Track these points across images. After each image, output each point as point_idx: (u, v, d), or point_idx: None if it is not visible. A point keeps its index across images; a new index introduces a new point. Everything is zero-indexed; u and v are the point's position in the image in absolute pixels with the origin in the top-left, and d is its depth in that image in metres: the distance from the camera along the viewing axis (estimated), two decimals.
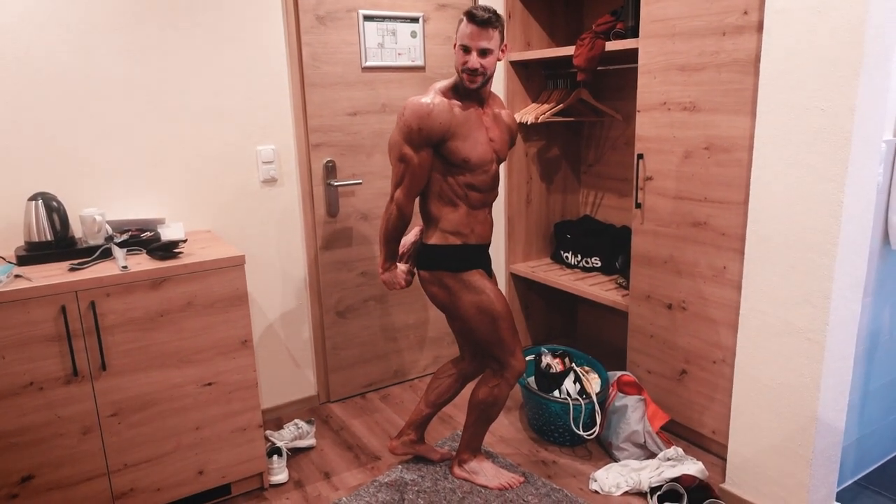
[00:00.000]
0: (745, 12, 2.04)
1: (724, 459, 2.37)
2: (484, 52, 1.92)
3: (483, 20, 1.89)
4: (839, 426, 1.95)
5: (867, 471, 2.35)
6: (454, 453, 2.44)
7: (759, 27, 2.01)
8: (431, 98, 1.95)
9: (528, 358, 2.78)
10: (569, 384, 2.52)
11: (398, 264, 2.16)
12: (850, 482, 2.29)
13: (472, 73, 1.93)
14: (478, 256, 2.12)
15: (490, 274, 2.22)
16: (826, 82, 1.72)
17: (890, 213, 2.04)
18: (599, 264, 3.12)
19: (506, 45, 1.99)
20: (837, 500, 2.06)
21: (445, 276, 2.07)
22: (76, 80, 2.19)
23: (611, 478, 2.28)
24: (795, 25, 1.77)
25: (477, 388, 2.22)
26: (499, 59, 1.97)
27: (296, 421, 2.58)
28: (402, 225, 2.06)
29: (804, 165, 1.80)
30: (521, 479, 2.29)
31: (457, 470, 2.34)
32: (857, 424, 2.23)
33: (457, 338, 2.34)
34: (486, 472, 2.30)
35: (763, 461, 2.04)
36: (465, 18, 1.92)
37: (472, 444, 2.32)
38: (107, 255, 2.07)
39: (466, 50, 1.92)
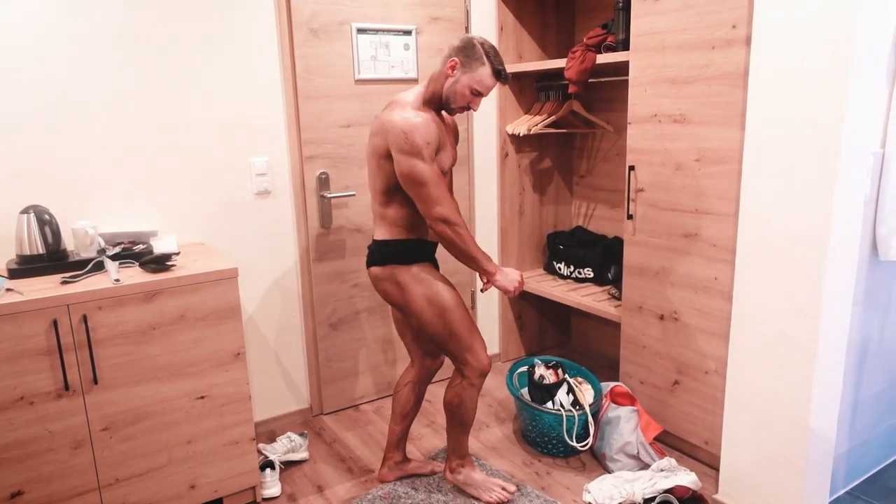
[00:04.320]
0: (734, 26, 2.07)
1: (717, 470, 2.38)
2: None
3: (506, 80, 2.03)
4: (830, 436, 1.96)
5: (858, 481, 2.36)
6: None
7: (748, 41, 2.04)
8: (416, 114, 1.95)
9: (521, 369, 2.79)
10: (562, 395, 2.52)
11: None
12: (841, 492, 2.30)
13: (466, 111, 2.07)
14: (430, 252, 2.15)
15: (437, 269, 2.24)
16: (814, 95, 1.75)
17: (877, 224, 2.07)
18: (592, 275, 3.13)
19: None
20: None
21: (398, 270, 2.06)
22: (68, 93, 2.20)
23: (604, 489, 2.28)
24: (783, 39, 1.79)
25: (446, 392, 2.22)
26: None
27: (288, 434, 2.57)
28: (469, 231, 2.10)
29: (793, 177, 1.82)
30: (513, 487, 2.29)
31: (448, 475, 2.33)
32: (848, 434, 2.25)
33: (406, 342, 2.33)
34: (477, 485, 2.29)
35: (755, 471, 2.05)
36: (490, 70, 1.98)
37: (456, 451, 2.29)
38: (99, 268, 2.06)
39: (477, 94, 2.01)
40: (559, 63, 2.85)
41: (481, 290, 2.18)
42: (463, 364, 2.12)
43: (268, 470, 2.34)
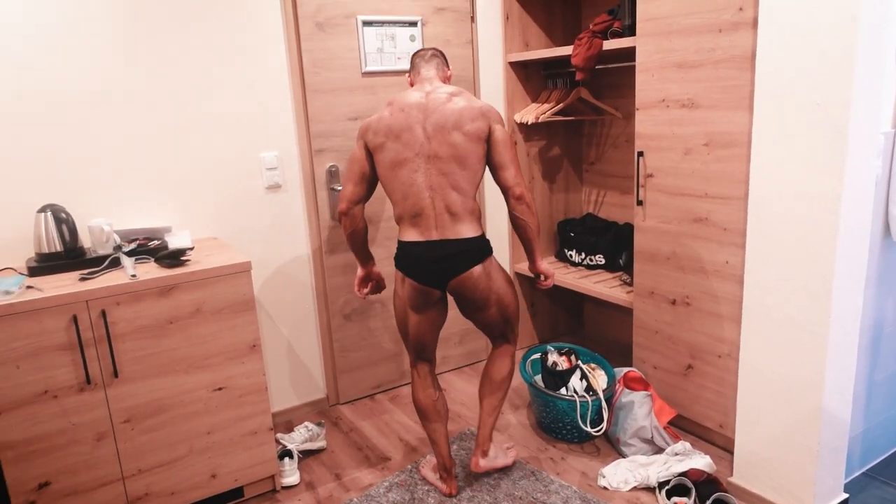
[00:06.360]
0: (741, 9, 2.06)
1: (732, 453, 2.39)
2: None
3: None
4: (845, 417, 1.96)
5: (874, 462, 2.36)
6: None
7: (755, 23, 2.02)
8: None
9: (534, 356, 2.80)
10: (575, 381, 2.53)
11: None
12: (857, 473, 2.30)
13: None
14: None
15: None
16: (821, 76, 1.74)
17: (890, 204, 2.05)
18: (603, 262, 3.13)
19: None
20: (845, 492, 2.07)
21: (489, 262, 2.14)
22: (80, 92, 2.23)
23: (619, 473, 2.29)
24: (789, 20, 1.78)
25: (500, 365, 2.27)
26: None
27: (306, 423, 2.61)
28: None
29: (803, 159, 1.81)
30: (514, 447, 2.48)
31: (483, 462, 2.27)
32: (863, 416, 2.24)
33: (430, 343, 2.24)
34: (499, 454, 2.35)
35: (770, 454, 2.05)
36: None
37: (492, 427, 2.29)
38: (115, 264, 2.10)
39: None
40: (566, 50, 2.84)
41: (538, 285, 2.31)
42: (513, 331, 2.28)
43: (286, 459, 2.38)
